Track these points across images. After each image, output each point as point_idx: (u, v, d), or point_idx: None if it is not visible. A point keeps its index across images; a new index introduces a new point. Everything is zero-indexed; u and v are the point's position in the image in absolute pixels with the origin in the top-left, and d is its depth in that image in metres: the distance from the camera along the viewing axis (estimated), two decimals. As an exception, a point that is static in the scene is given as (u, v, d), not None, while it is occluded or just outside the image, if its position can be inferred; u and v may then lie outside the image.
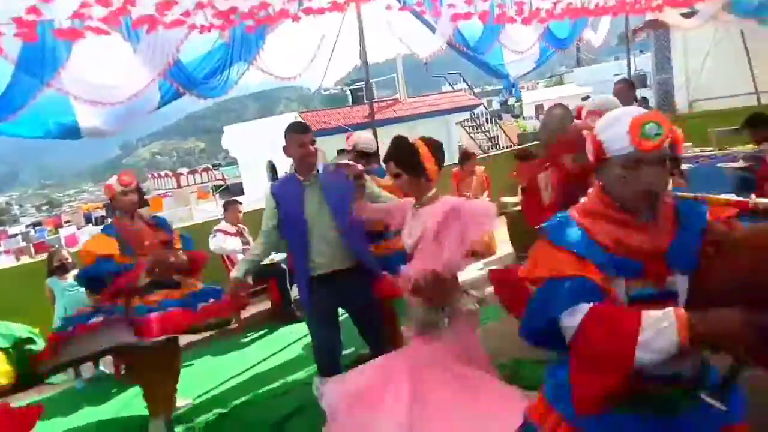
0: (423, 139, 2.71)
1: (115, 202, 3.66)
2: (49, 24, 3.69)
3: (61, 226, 31.04)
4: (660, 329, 1.30)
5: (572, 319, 1.43)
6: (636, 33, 11.30)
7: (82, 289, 4.95)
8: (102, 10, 3.30)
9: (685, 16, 8.61)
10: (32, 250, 21.44)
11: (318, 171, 3.27)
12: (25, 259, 17.97)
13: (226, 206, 5.97)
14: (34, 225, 37.36)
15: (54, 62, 4.12)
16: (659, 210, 1.52)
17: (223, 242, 5.61)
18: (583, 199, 1.65)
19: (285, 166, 14.66)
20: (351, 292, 3.29)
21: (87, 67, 4.37)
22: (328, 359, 3.37)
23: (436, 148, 2.69)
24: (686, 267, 1.47)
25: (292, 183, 3.30)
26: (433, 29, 6.63)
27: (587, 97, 28.34)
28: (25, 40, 3.52)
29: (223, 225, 5.82)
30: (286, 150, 3.27)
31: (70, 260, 5.00)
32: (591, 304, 1.41)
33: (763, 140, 5.03)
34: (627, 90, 5.20)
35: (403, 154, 2.67)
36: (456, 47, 6.85)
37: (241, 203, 5.99)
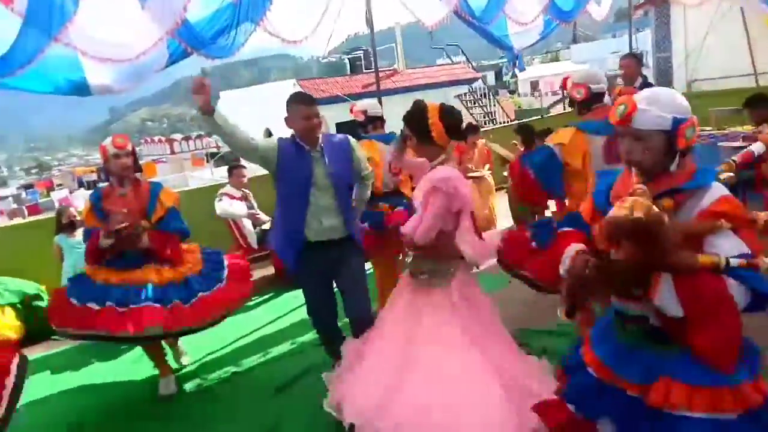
0: (439, 104, 2.77)
1: (108, 164, 3.55)
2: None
3: (53, 189, 30.81)
4: (565, 258, 1.88)
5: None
6: (636, 9, 11.25)
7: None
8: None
9: (688, -8, 8.59)
10: (25, 211, 21.31)
11: (320, 142, 3.22)
12: (18, 221, 17.86)
13: (230, 170, 5.97)
14: (26, 187, 37.00)
15: (61, 16, 4.10)
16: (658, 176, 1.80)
17: (229, 206, 5.64)
18: None
19: (283, 133, 14.62)
20: (341, 263, 3.30)
21: (94, 23, 4.34)
22: (327, 321, 3.41)
23: (447, 113, 2.73)
24: None
25: (300, 151, 3.19)
26: (439, -4, 6.58)
27: (584, 74, 28.09)
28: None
29: (228, 189, 5.84)
30: (289, 121, 3.16)
31: (78, 218, 5.03)
32: (566, 228, 2.08)
33: (762, 121, 5.09)
34: (635, 65, 5.24)
35: (413, 117, 2.75)
36: (462, 16, 6.82)
37: (245, 167, 5.99)
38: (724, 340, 1.65)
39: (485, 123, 17.92)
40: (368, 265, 3.84)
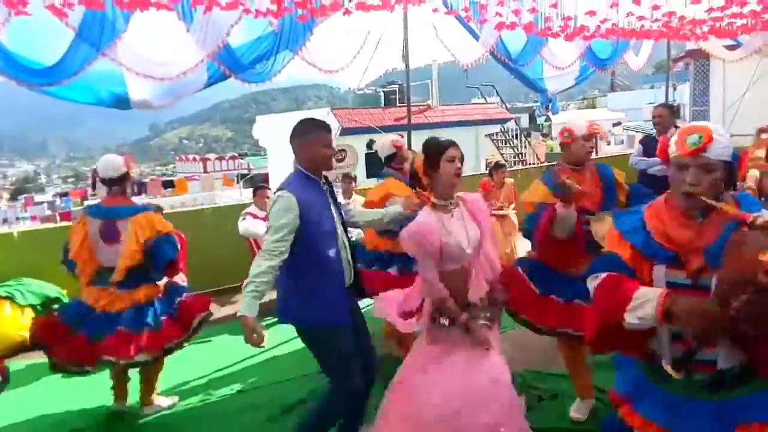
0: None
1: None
2: (112, -6, 3.81)
3: (87, 199, 31.68)
4: (644, 302, 1.63)
5: (592, 282, 1.84)
6: (675, 62, 11.24)
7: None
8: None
9: (728, 48, 8.55)
10: (58, 218, 21.94)
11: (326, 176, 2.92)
12: (50, 225, 18.38)
13: (255, 191, 6.08)
14: (61, 195, 38.14)
15: (111, 33, 4.28)
16: (711, 212, 1.70)
17: (251, 225, 5.73)
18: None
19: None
20: (357, 308, 2.99)
21: (141, 41, 4.53)
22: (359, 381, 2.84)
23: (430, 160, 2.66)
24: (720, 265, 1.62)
25: (313, 187, 2.78)
26: (476, 37, 6.69)
27: (619, 123, 27.89)
28: (93, 8, 3.64)
29: (252, 209, 5.95)
30: (305, 148, 2.76)
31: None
32: (606, 274, 1.78)
33: None
34: (668, 114, 5.22)
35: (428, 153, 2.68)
36: (498, 57, 6.91)
37: (269, 189, 6.10)
38: None
39: (515, 163, 17.91)
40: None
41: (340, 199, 6.65)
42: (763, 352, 1.59)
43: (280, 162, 18.62)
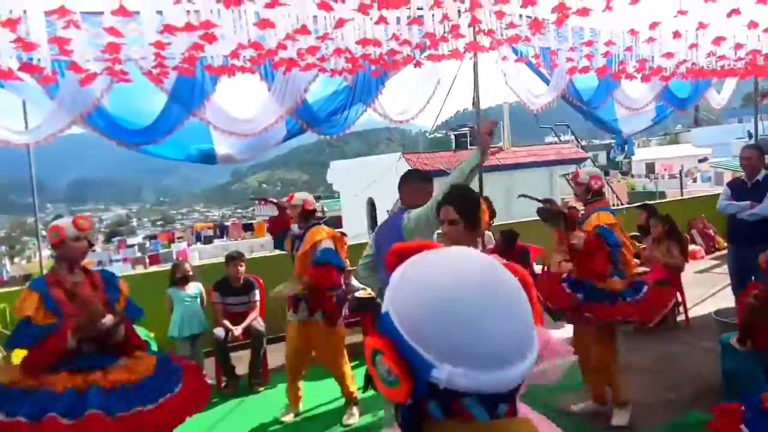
0: (482, 197, 2.73)
1: (63, 248, 2.98)
2: (203, 60, 4.15)
3: (174, 241, 33.65)
4: None
5: None
6: (763, 97, 10.63)
7: (198, 300, 5.39)
8: (253, 52, 3.68)
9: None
10: (147, 261, 23.42)
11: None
12: (140, 269, 19.63)
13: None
14: (150, 238, 40.78)
15: (201, 95, 4.64)
16: None
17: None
18: None
19: (384, 203, 14.96)
20: None
21: (227, 102, 4.88)
22: None
23: (491, 206, 2.70)
24: None
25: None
26: (547, 81, 6.67)
27: (705, 159, 26.53)
28: (185, 74, 3.98)
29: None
30: (412, 196, 3.27)
31: (191, 273, 5.43)
32: None
33: None
34: (758, 156, 4.95)
35: (465, 202, 2.62)
36: (569, 100, 6.84)
37: (346, 235, 6.20)
38: None
39: (592, 204, 17.34)
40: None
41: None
42: None
43: (352, 204, 19.06)
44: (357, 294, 6.01)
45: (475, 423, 0.75)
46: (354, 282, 6.09)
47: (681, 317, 6.07)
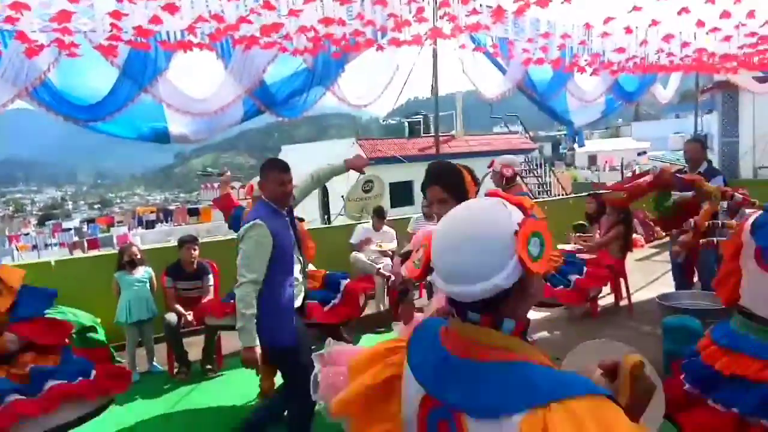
0: (461, 165, 2.56)
1: None
2: (158, 35, 3.98)
3: (113, 225, 32.25)
4: None
5: None
6: (703, 93, 11.19)
7: (148, 285, 5.22)
8: (212, 27, 3.55)
9: (758, 80, 8.50)
10: (85, 245, 22.34)
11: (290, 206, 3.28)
12: (78, 254, 18.80)
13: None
14: (87, 222, 38.94)
15: (154, 71, 4.46)
16: None
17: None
18: None
19: (338, 188, 14.89)
20: (304, 329, 3.32)
21: (182, 79, 4.70)
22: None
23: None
24: None
25: (277, 216, 3.15)
26: (503, 71, 6.78)
27: (643, 152, 27.58)
28: (139, 49, 3.81)
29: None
30: (264, 185, 3.18)
31: (139, 256, 5.24)
32: None
33: None
34: (700, 149, 5.18)
35: (450, 177, 2.47)
36: (524, 90, 6.98)
37: (304, 220, 6.14)
38: None
39: (539, 193, 17.83)
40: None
41: (370, 231, 6.74)
42: None
43: (304, 191, 18.89)
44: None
45: (454, 320, 1.09)
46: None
47: (624, 302, 6.34)
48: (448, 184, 2.43)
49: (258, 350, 2.96)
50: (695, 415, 2.26)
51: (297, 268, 3.27)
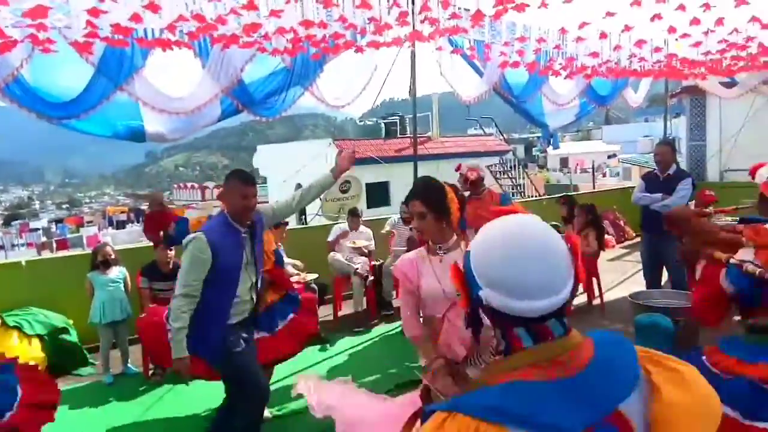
0: (447, 183, 2.60)
1: None
2: (135, 33, 3.93)
3: (83, 226, 31.61)
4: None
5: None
6: (671, 97, 11.47)
7: (122, 285, 5.15)
8: (192, 25, 3.52)
9: (724, 85, 8.76)
10: (54, 245, 21.83)
11: (253, 221, 3.16)
12: (46, 254, 18.32)
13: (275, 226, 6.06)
14: (56, 222, 38.03)
15: (130, 69, 4.39)
16: None
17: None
18: None
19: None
20: (250, 340, 3.29)
21: (158, 77, 4.65)
22: (266, 394, 3.27)
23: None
24: None
25: (231, 232, 3.07)
26: (480, 73, 6.86)
27: (613, 155, 28.13)
28: (116, 46, 3.75)
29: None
30: (224, 197, 3.10)
31: (113, 256, 5.16)
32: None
33: None
34: (670, 152, 5.32)
35: (432, 193, 2.49)
36: (500, 93, 7.07)
37: (287, 224, 6.08)
38: None
39: (513, 195, 18.06)
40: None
41: (347, 231, 6.67)
42: None
43: (280, 191, 18.76)
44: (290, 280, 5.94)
45: (545, 346, 1.02)
46: (289, 270, 6.01)
47: (597, 301, 6.48)
48: (429, 199, 2.44)
49: (187, 361, 2.95)
50: None
51: (244, 286, 3.13)
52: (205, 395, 4.49)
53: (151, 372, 5.02)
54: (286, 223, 6.17)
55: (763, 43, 5.44)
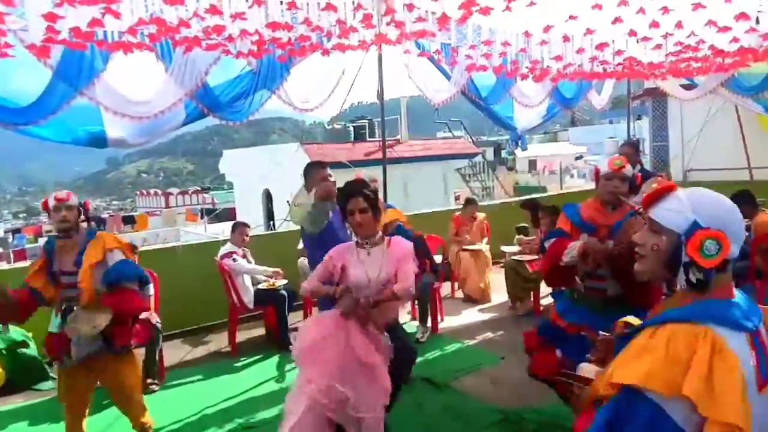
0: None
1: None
2: (95, 36, 3.80)
3: (41, 235, 30.55)
4: (572, 247, 2.90)
5: (547, 243, 3.16)
6: (633, 99, 11.74)
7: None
8: (154, 28, 3.43)
9: (684, 87, 9.00)
10: (11, 256, 21.04)
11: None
12: (3, 265, 17.63)
13: (234, 228, 5.98)
14: (13, 231, 36.68)
15: (90, 73, 4.27)
16: (619, 206, 2.99)
17: (246, 264, 5.69)
18: None
19: (281, 194, 14.64)
20: None
21: (119, 81, 4.52)
22: None
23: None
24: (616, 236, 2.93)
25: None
26: (448, 77, 6.89)
27: (580, 157, 28.70)
28: (75, 49, 3.63)
29: (231, 246, 5.80)
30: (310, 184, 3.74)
31: (75, 267, 4.97)
32: (555, 238, 3.08)
33: (746, 216, 5.28)
34: (633, 153, 5.46)
35: (370, 192, 2.99)
36: (468, 96, 7.12)
37: (249, 226, 6.01)
38: None
39: (483, 197, 18.23)
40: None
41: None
42: (629, 289, 2.78)
43: (246, 196, 18.50)
44: (259, 286, 5.85)
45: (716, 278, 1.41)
46: (258, 276, 5.91)
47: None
48: (368, 197, 2.95)
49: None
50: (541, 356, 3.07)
51: None
52: (172, 405, 4.40)
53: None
54: (248, 226, 6.09)
55: (715, 45, 5.61)
